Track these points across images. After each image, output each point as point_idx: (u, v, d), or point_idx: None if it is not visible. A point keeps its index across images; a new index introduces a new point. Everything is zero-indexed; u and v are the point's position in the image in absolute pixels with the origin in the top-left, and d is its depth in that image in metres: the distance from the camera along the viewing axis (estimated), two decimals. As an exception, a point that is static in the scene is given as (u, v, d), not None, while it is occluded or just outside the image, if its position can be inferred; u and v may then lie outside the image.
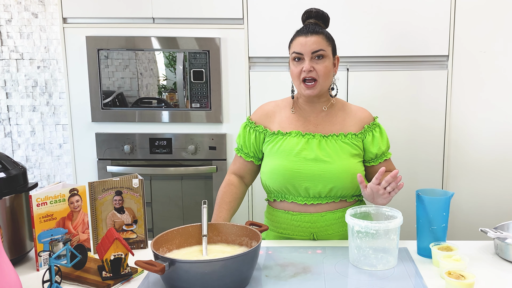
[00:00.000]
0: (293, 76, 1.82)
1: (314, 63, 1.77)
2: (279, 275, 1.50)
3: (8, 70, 3.01)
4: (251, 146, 1.92)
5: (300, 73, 1.78)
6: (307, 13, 1.87)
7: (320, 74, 1.78)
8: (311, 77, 1.77)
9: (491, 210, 2.68)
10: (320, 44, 1.77)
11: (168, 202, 2.82)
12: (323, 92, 1.84)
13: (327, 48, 1.79)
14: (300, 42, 1.78)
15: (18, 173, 1.62)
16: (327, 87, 1.84)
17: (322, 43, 1.78)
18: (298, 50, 1.78)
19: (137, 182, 1.72)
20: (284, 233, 1.87)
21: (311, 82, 1.78)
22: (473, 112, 2.64)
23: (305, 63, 1.77)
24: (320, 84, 1.79)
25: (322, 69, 1.77)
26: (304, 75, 1.77)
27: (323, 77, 1.78)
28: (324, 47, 1.78)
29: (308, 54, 1.77)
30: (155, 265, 1.32)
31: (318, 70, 1.77)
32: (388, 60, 2.65)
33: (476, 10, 2.56)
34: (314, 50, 1.77)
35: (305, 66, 1.76)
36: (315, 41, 1.77)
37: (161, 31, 2.67)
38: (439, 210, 1.60)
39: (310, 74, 1.77)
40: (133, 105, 2.75)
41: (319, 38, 1.78)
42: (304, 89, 1.79)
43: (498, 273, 1.52)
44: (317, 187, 1.80)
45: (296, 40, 1.81)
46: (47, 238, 1.58)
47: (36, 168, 3.12)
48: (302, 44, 1.78)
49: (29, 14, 2.96)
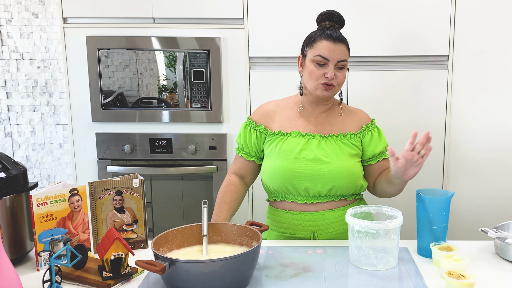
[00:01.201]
0: (312, 76, 1.81)
1: (336, 71, 1.79)
2: (279, 275, 1.50)
3: (8, 70, 3.01)
4: (252, 146, 1.92)
5: (321, 77, 1.79)
6: (329, 15, 1.86)
7: (339, 82, 1.80)
8: (331, 84, 1.79)
9: (491, 210, 2.68)
10: (345, 54, 1.80)
11: (169, 202, 2.82)
12: (332, 97, 1.88)
13: (348, 58, 1.82)
14: (328, 48, 1.77)
15: (18, 173, 1.62)
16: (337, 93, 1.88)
17: (346, 53, 1.81)
18: (325, 55, 1.77)
19: (137, 182, 1.72)
20: (286, 232, 1.88)
21: (329, 86, 1.79)
22: (473, 112, 2.64)
23: (329, 70, 1.77)
24: (336, 89, 1.82)
25: (342, 78, 1.81)
26: (325, 81, 1.78)
27: (339, 85, 1.82)
28: (347, 57, 1.82)
29: (334, 62, 1.78)
30: (155, 265, 1.32)
31: (338, 78, 1.80)
32: (388, 60, 2.64)
33: (477, 10, 2.55)
34: (341, 59, 1.78)
35: (329, 74, 1.77)
36: (343, 50, 1.79)
37: (162, 31, 2.67)
38: (439, 210, 1.60)
39: (332, 81, 1.78)
40: (133, 105, 2.75)
41: (345, 47, 1.81)
42: (322, 89, 1.80)
43: (499, 273, 1.52)
44: (317, 187, 1.81)
45: (322, 43, 1.79)
46: (47, 238, 1.58)
47: (37, 168, 3.12)
48: (330, 50, 1.77)
49: (29, 14, 2.96)
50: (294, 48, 2.02)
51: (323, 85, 1.79)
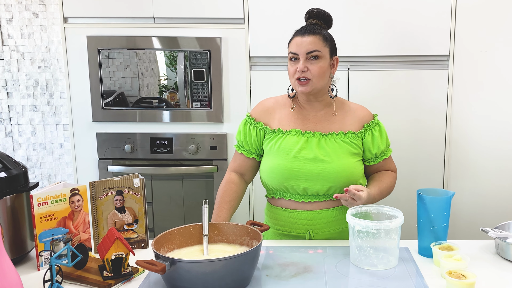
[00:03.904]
0: (289, 74, 1.84)
1: (309, 64, 1.78)
2: (280, 274, 1.50)
3: (9, 70, 3.01)
4: (252, 143, 1.91)
5: (295, 72, 1.80)
6: (309, 13, 1.88)
7: (314, 74, 1.78)
8: (304, 77, 1.78)
9: (492, 209, 2.68)
10: (315, 44, 1.78)
11: (169, 202, 2.82)
12: (317, 91, 1.83)
13: (323, 49, 1.80)
14: (296, 42, 1.80)
15: (19, 172, 1.62)
16: (321, 86, 1.83)
17: (317, 44, 1.79)
18: (294, 50, 1.80)
19: (138, 182, 1.72)
20: (282, 230, 1.88)
21: (304, 80, 1.79)
22: (474, 112, 2.64)
23: (299, 63, 1.78)
24: (314, 83, 1.80)
25: (317, 70, 1.78)
26: (298, 75, 1.79)
27: (317, 77, 1.79)
28: (320, 47, 1.79)
29: (303, 54, 1.78)
30: (156, 264, 1.33)
31: (312, 70, 1.78)
32: (389, 59, 2.65)
33: (477, 10, 2.55)
34: (309, 50, 1.78)
35: (299, 66, 1.78)
36: (311, 41, 1.78)
37: (162, 31, 2.67)
38: (440, 209, 1.60)
39: (304, 74, 1.78)
40: (134, 105, 2.75)
41: (316, 38, 1.79)
42: (298, 86, 1.81)
43: (499, 273, 1.52)
44: (315, 187, 1.81)
45: (293, 40, 1.82)
46: (48, 237, 1.58)
47: (37, 168, 3.13)
48: (298, 44, 1.79)
49: (30, 13, 2.96)
50: (294, 47, 2.06)
51: (297, 81, 1.80)
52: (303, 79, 1.79)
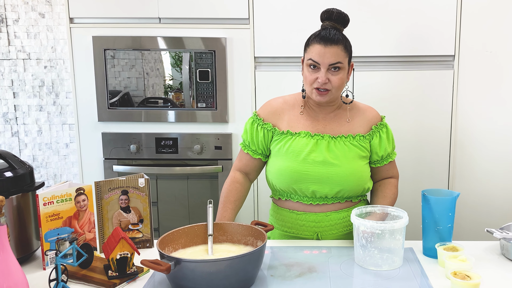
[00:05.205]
0: (306, 81, 1.78)
1: (330, 75, 1.73)
2: (284, 274, 1.51)
3: (15, 70, 3.03)
4: (259, 143, 1.89)
5: (314, 81, 1.74)
6: (327, 13, 1.79)
7: (334, 86, 1.74)
8: (324, 88, 1.74)
9: (497, 210, 2.67)
10: (338, 56, 1.72)
11: (174, 202, 2.83)
12: (334, 99, 1.82)
13: (344, 59, 1.75)
14: (318, 52, 1.72)
15: (25, 172, 1.63)
16: (338, 95, 1.83)
17: (340, 55, 1.73)
18: (315, 59, 1.73)
19: (143, 182, 1.73)
20: (289, 232, 1.87)
21: (323, 91, 1.75)
22: (479, 113, 2.63)
23: (320, 74, 1.72)
24: (333, 93, 1.77)
25: (337, 81, 1.74)
26: (317, 85, 1.74)
27: (336, 88, 1.76)
28: (342, 59, 1.73)
29: (325, 66, 1.72)
30: (161, 264, 1.33)
31: (333, 81, 1.74)
32: (394, 60, 2.64)
33: (483, 10, 2.55)
34: (331, 62, 1.72)
35: (320, 78, 1.72)
36: (334, 53, 1.71)
37: (167, 31, 2.67)
38: (445, 210, 1.60)
39: (324, 86, 1.74)
40: (139, 105, 2.75)
41: (338, 49, 1.72)
42: (316, 95, 1.76)
43: (504, 274, 1.52)
44: (324, 190, 1.79)
45: (314, 47, 1.74)
46: (53, 237, 1.58)
47: (43, 168, 3.14)
48: (320, 54, 1.72)
49: (36, 14, 2.97)
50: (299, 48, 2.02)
51: (316, 90, 1.75)
52: (322, 89, 1.75)
